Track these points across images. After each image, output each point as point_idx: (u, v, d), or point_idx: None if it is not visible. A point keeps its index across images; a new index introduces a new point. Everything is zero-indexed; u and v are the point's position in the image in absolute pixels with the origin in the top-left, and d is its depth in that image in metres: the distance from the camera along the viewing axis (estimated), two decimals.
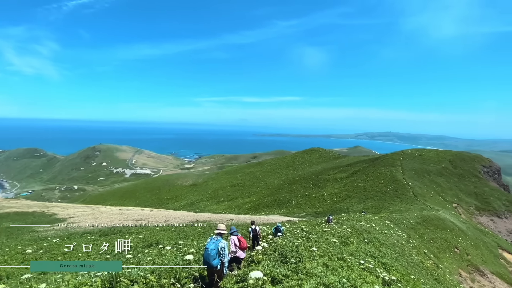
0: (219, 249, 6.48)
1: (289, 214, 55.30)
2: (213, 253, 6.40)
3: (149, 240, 16.69)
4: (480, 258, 33.00)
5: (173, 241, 13.78)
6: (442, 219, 38.38)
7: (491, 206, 58.04)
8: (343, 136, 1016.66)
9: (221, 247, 6.51)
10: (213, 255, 6.38)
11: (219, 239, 6.75)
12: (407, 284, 9.63)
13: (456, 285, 19.11)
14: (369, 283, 6.31)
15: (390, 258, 13.83)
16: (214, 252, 6.42)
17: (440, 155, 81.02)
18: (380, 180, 64.01)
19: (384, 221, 30.34)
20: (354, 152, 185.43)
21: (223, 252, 6.51)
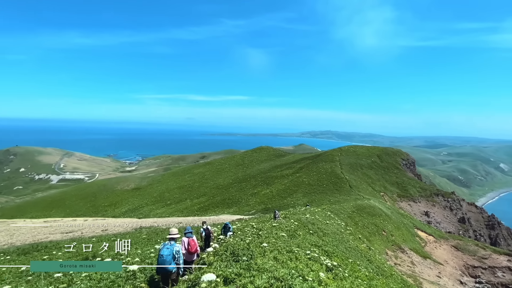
0: (174, 253, 6.50)
1: (240, 212, 55.78)
2: (168, 258, 6.39)
3: (84, 253, 14.81)
4: (401, 237, 38.73)
5: (113, 252, 12.49)
6: (373, 206, 43.77)
7: (408, 193, 68.64)
8: (289, 134, 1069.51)
9: (175, 251, 6.54)
10: (168, 260, 6.37)
11: (173, 243, 6.73)
12: (346, 267, 10.71)
13: (384, 263, 22.05)
14: (314, 271, 6.81)
15: (331, 245, 15.18)
16: (169, 257, 6.42)
17: (370, 151, 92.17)
18: (322, 175, 69.53)
19: (326, 212, 33.10)
20: (299, 149, 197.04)
21: (178, 255, 6.57)
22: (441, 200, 65.99)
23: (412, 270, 30.06)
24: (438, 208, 64.04)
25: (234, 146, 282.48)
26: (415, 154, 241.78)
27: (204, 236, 12.14)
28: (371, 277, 11.89)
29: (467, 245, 41.65)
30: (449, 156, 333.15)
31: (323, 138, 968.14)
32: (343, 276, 8.70)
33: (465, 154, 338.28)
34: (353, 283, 8.62)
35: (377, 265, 18.54)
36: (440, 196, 67.19)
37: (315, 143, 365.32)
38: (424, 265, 33.17)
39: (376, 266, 18.07)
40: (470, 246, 41.02)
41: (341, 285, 7.50)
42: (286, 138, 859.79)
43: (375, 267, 17.45)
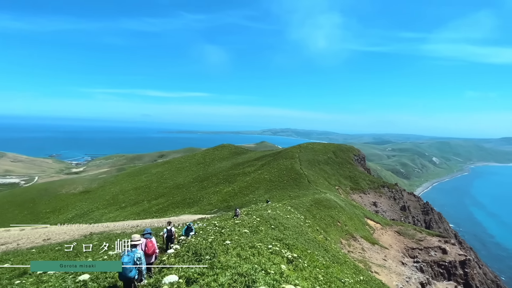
0: (135, 260, 6.52)
1: (201, 211, 54.71)
2: (129, 265, 6.37)
3: (21, 268, 13.02)
4: (353, 227, 42.11)
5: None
6: (329, 199, 46.73)
7: (359, 186, 74.81)
8: (250, 132, 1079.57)
9: (137, 258, 6.58)
10: (129, 267, 6.36)
11: (134, 250, 6.75)
12: (305, 258, 11.30)
13: (338, 251, 23.78)
14: (276, 264, 7.06)
15: (292, 238, 15.85)
16: (130, 264, 6.41)
17: (326, 147, 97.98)
18: (282, 171, 71.80)
19: (287, 207, 34.33)
20: (260, 147, 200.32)
21: (140, 262, 6.62)
22: (387, 191, 73.35)
23: (363, 256, 32.95)
24: (384, 199, 71.08)
25: (194, 144, 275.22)
26: (365, 150, 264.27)
27: (166, 237, 11.82)
28: (328, 265, 12.75)
29: (407, 230, 47.06)
30: (393, 152, 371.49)
31: (283, 135, 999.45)
32: (303, 266, 9.19)
33: (406, 149, 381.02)
34: (312, 272, 9.16)
35: (333, 254, 19.92)
36: (385, 188, 74.61)
37: (276, 141, 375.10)
38: (373, 251, 36.61)
39: (332, 254, 19.39)
40: (409, 231, 46.43)
41: (301, 275, 7.91)
42: (247, 136, 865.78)
43: (331, 256, 18.73)
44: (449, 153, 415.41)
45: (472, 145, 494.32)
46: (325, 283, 8.88)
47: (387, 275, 28.60)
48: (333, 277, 10.44)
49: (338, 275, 11.72)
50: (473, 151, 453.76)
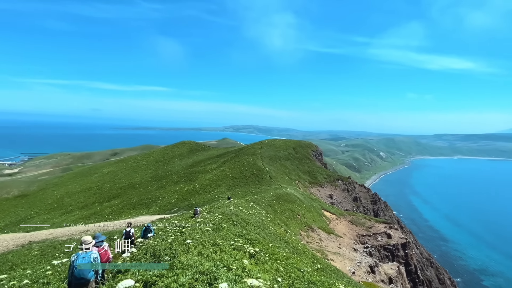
0: (92, 261, 6.22)
1: (161, 211, 52.35)
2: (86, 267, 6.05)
3: None
4: (312, 219, 44.49)
5: None
6: (289, 194, 48.53)
7: (317, 180, 79.12)
8: (212, 129, 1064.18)
9: (93, 258, 6.29)
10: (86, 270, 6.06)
11: (88, 252, 6.39)
12: (266, 251, 11.61)
13: (298, 243, 24.93)
14: (238, 260, 7.12)
15: (254, 233, 16.12)
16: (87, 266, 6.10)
17: (287, 144, 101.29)
18: (245, 168, 72.27)
19: (249, 203, 34.74)
20: (222, 144, 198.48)
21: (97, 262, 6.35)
22: (341, 184, 78.88)
23: (320, 245, 35.07)
24: (339, 191, 76.37)
25: (152, 141, 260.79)
26: (322, 146, 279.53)
27: (123, 239, 11.25)
28: (288, 256, 13.29)
29: (358, 219, 51.35)
30: (346, 147, 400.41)
31: (245, 132, 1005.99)
32: (264, 260, 9.43)
33: (358, 145, 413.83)
34: (273, 264, 9.46)
35: (293, 245, 20.82)
36: (340, 181, 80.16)
37: (238, 137, 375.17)
38: (329, 240, 39.19)
39: (292, 246, 20.25)
40: (360, 220, 50.73)
41: (262, 268, 8.11)
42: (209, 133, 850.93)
43: (291, 247, 19.56)
44: (394, 148, 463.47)
45: (412, 141, 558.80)
46: (286, 274, 9.24)
47: (341, 261, 30.91)
48: (293, 268, 10.92)
49: (298, 265, 12.30)
50: (413, 146, 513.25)
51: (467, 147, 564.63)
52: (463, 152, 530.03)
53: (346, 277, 21.23)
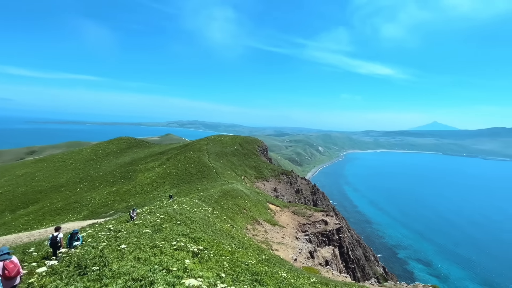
0: None
1: (93, 216, 46.81)
2: None
3: None
4: (258, 212, 45.85)
5: None
6: (236, 189, 48.92)
7: (263, 174, 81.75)
8: (154, 124, 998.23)
9: None
10: None
11: None
12: (211, 248, 11.46)
13: (244, 237, 25.39)
14: (180, 260, 6.83)
15: (199, 231, 15.75)
16: None
17: (233, 140, 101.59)
18: (190, 165, 69.85)
19: (194, 200, 33.78)
20: (166, 140, 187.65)
21: None
22: (285, 178, 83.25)
23: (265, 237, 36.46)
24: (283, 184, 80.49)
25: (81, 137, 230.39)
26: (267, 141, 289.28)
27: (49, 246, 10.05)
28: (233, 251, 13.39)
29: (300, 209, 55.09)
30: (289, 143, 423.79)
31: (191, 127, 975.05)
32: (209, 257, 9.29)
33: (299, 141, 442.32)
34: (218, 261, 9.39)
35: (239, 240, 21.10)
36: (284, 175, 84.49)
37: (183, 133, 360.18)
38: (274, 231, 41.05)
39: (238, 241, 20.50)
40: (302, 210, 54.51)
41: (206, 266, 7.97)
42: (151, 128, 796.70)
43: (237, 242, 19.79)
44: (330, 143, 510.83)
45: (345, 136, 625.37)
46: (230, 268, 9.29)
47: (284, 250, 32.74)
48: (238, 262, 11.05)
49: (243, 258, 12.51)
50: (346, 141, 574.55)
51: (387, 142, 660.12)
52: (385, 146, 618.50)
53: (289, 264, 22.59)
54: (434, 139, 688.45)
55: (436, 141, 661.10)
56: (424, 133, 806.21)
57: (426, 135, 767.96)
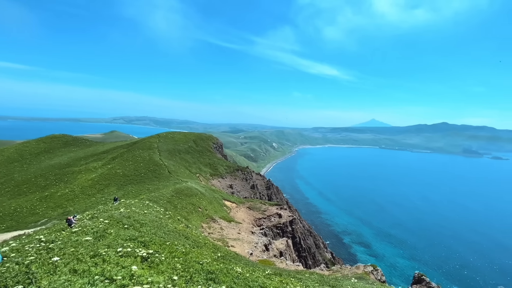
0: None
1: (19, 226, 40.42)
2: None
3: None
4: (213, 210, 45.27)
5: None
6: (190, 188, 47.44)
7: (218, 171, 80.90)
8: (97, 120, 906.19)
9: None
10: None
11: None
12: (163, 251, 10.90)
13: (199, 236, 24.82)
14: (126, 267, 6.31)
15: (149, 234, 14.82)
16: None
17: (187, 137, 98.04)
18: (139, 164, 65.19)
19: (144, 202, 31.68)
20: (110, 137, 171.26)
21: None
22: (240, 174, 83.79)
23: (221, 234, 36.26)
24: (239, 180, 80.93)
25: (1, 135, 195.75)
26: (222, 138, 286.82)
27: None
28: (187, 251, 12.97)
29: (255, 204, 56.18)
30: (245, 139, 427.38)
31: (140, 124, 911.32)
32: (160, 260, 8.80)
33: (254, 137, 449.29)
34: (170, 264, 8.97)
35: (194, 240, 20.54)
36: (239, 171, 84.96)
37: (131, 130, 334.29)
38: (230, 228, 41.07)
39: (192, 240, 19.93)
40: (257, 205, 55.66)
41: (156, 270, 7.54)
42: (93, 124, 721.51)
43: (192, 242, 19.24)
44: (283, 139, 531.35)
45: (297, 133, 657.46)
46: (184, 270, 8.97)
47: (241, 245, 33.05)
48: (192, 262, 10.74)
49: (197, 258, 12.20)
50: (298, 137, 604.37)
51: (334, 137, 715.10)
52: (332, 141, 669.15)
53: (245, 259, 22.87)
54: (373, 135, 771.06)
55: (374, 137, 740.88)
56: (364, 130, 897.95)
57: (366, 131, 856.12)
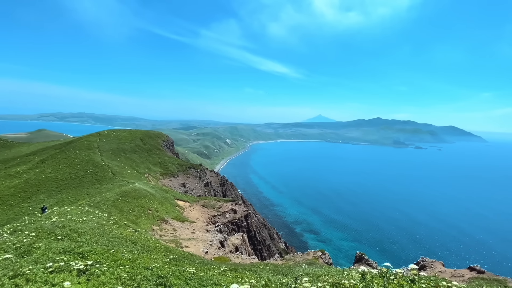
0: None
1: None
2: None
3: None
4: (165, 211, 43.09)
5: None
6: (138, 189, 44.23)
7: (169, 170, 77.14)
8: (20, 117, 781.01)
9: None
10: None
11: None
12: (106, 260, 9.94)
13: (149, 240, 23.38)
14: (57, 285, 5.55)
15: (89, 243, 13.36)
16: None
17: (133, 134, 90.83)
18: (76, 166, 58.13)
19: (83, 208, 28.47)
20: (38, 137, 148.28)
21: None
22: (193, 172, 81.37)
23: (174, 236, 34.80)
24: (192, 179, 78.51)
25: None
26: (173, 135, 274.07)
27: None
28: (135, 258, 12.08)
29: (210, 202, 55.34)
30: (197, 136, 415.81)
31: (76, 121, 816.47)
32: (101, 271, 8.00)
33: (207, 133, 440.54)
34: (113, 273, 8.22)
35: (143, 244, 19.26)
36: (192, 169, 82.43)
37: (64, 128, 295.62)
38: (183, 228, 39.67)
39: (141, 245, 18.67)
40: (211, 202, 54.91)
41: (97, 283, 6.85)
42: (15, 122, 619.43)
43: (141, 247, 18.01)
44: (237, 135, 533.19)
45: (250, 129, 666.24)
46: (130, 278, 8.33)
47: (195, 245, 32.25)
48: (140, 269, 10.04)
49: (147, 263, 11.48)
50: (251, 133, 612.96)
51: (285, 132, 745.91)
52: (283, 136, 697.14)
53: (199, 258, 22.40)
54: (320, 130, 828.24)
55: (321, 131, 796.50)
56: (312, 125, 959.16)
57: (314, 126, 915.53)
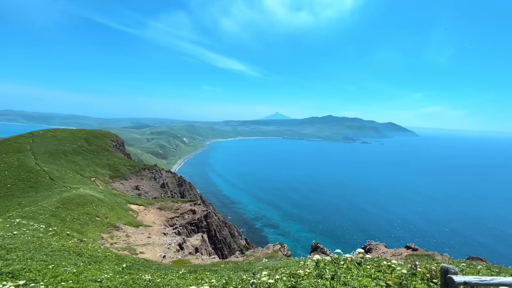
0: None
1: None
2: None
3: None
4: (116, 217, 39.86)
5: None
6: (83, 195, 40.05)
7: (120, 173, 71.46)
8: None
9: None
10: None
11: None
12: (43, 277, 8.87)
13: (97, 249, 21.41)
14: None
15: (22, 260, 11.71)
16: None
17: (75, 134, 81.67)
18: (3, 172, 50.05)
19: (13, 220, 24.77)
20: None
21: None
22: (148, 173, 76.77)
23: (128, 242, 32.48)
24: (146, 180, 74.00)
25: None
26: (123, 135, 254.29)
27: None
28: (81, 271, 10.99)
29: (167, 204, 52.93)
30: (151, 135, 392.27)
31: (1, 120, 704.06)
32: None
33: (162, 132, 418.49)
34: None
35: (90, 255, 17.58)
36: (146, 170, 77.71)
37: None
38: (137, 233, 37.24)
39: (88, 256, 17.03)
40: (168, 204, 52.60)
41: None
42: None
43: (87, 258, 16.42)
44: (194, 133, 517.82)
45: (208, 126, 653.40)
46: None
47: (151, 250, 30.57)
48: (86, 282, 9.18)
49: (95, 276, 10.52)
50: (209, 131, 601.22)
51: (244, 130, 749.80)
52: (242, 134, 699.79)
53: (156, 264, 21.33)
54: (277, 127, 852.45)
55: (278, 128, 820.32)
56: (270, 122, 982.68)
57: (271, 123, 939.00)
